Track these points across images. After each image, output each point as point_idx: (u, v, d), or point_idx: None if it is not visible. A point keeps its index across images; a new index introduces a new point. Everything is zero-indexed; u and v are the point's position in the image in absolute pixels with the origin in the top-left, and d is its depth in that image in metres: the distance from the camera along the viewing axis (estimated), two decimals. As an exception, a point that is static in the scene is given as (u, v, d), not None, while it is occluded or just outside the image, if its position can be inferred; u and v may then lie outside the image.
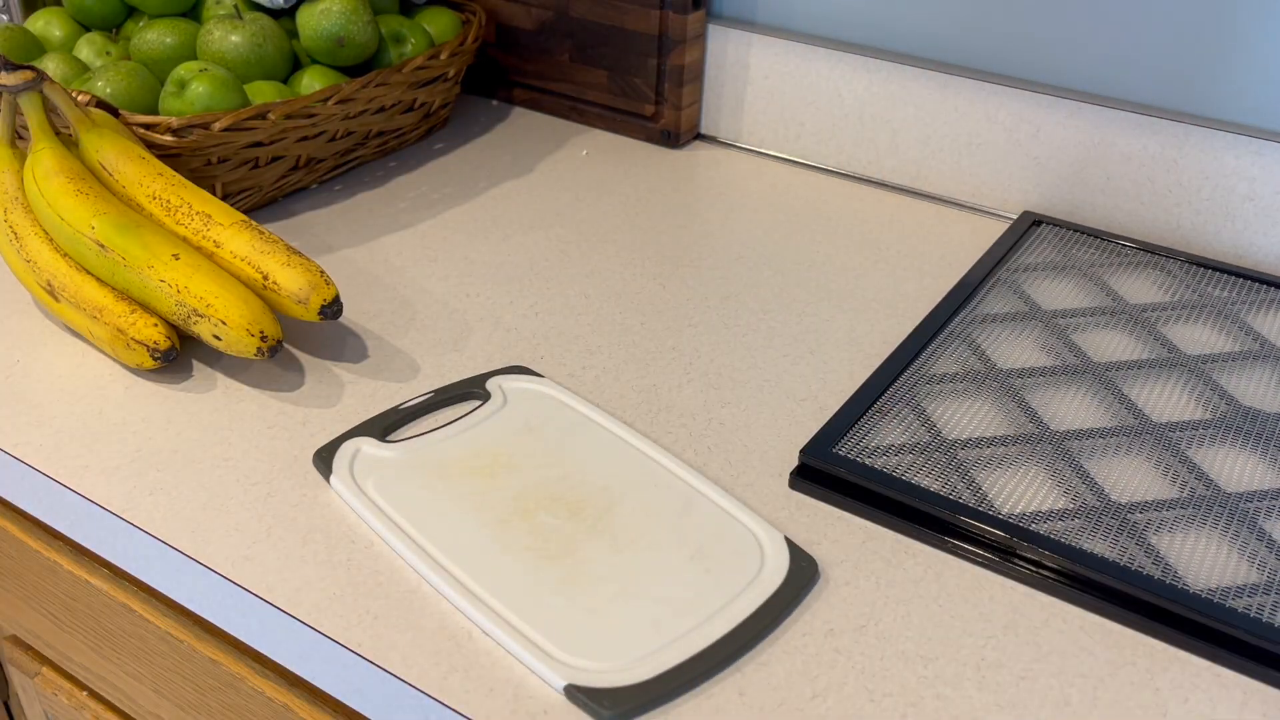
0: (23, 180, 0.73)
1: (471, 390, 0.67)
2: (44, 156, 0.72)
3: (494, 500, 0.59)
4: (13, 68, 0.71)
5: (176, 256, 0.67)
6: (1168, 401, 0.68)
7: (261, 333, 0.66)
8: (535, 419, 0.65)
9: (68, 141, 0.75)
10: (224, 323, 0.66)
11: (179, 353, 0.71)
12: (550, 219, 0.89)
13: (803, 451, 0.62)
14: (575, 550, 0.56)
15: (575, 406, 0.66)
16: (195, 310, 0.66)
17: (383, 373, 0.70)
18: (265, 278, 0.70)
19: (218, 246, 0.71)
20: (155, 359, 0.67)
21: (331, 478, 0.60)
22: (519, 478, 0.60)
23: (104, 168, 0.73)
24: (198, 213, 0.72)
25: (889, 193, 0.95)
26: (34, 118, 0.72)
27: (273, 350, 0.66)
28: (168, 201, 0.73)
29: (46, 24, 0.95)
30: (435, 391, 0.67)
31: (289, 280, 0.70)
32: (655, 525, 0.58)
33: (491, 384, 0.68)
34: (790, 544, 0.56)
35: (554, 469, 0.61)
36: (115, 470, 0.62)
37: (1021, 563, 0.56)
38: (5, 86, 0.70)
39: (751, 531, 0.57)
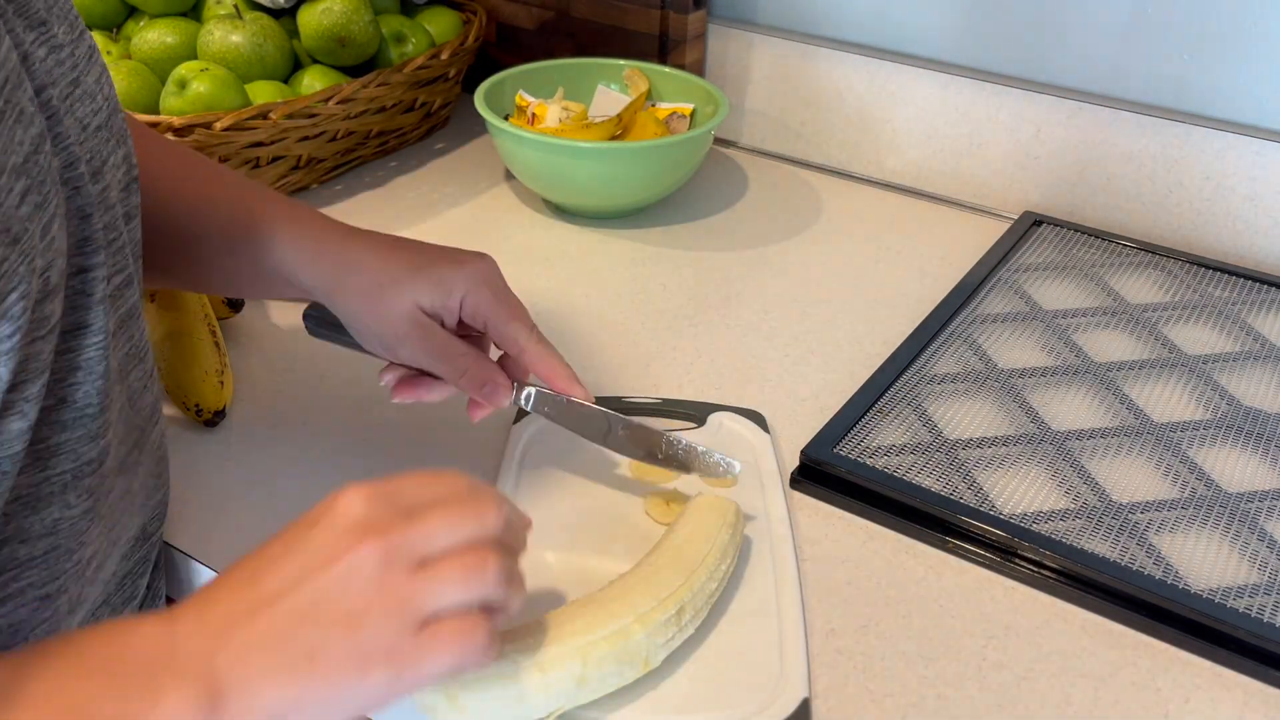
0: None
1: (472, 390, 0.67)
2: None
3: (495, 500, 0.59)
4: None
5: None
6: (1168, 401, 0.68)
7: (196, 406, 0.64)
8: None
9: None
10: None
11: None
12: (550, 218, 0.89)
13: (804, 451, 0.62)
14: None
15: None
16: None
17: (384, 372, 0.70)
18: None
19: None
20: None
21: (333, 477, 0.60)
22: (520, 477, 0.60)
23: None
24: None
25: (889, 193, 0.95)
26: None
27: (209, 422, 0.64)
28: None
29: (47, 23, 0.95)
30: (436, 391, 0.67)
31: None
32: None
33: (492, 384, 0.67)
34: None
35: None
36: (116, 470, 0.62)
37: (1022, 563, 0.56)
38: None
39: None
